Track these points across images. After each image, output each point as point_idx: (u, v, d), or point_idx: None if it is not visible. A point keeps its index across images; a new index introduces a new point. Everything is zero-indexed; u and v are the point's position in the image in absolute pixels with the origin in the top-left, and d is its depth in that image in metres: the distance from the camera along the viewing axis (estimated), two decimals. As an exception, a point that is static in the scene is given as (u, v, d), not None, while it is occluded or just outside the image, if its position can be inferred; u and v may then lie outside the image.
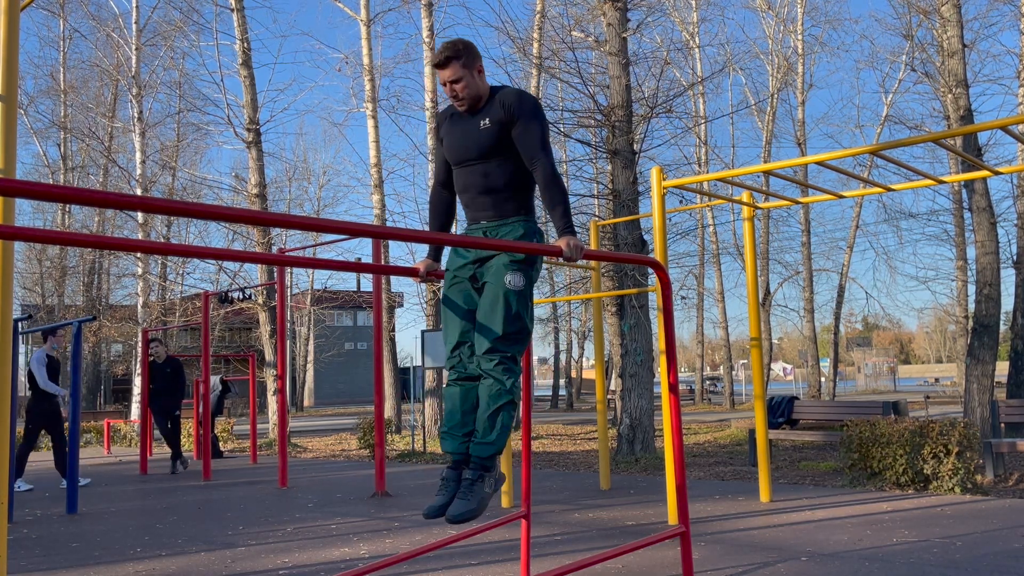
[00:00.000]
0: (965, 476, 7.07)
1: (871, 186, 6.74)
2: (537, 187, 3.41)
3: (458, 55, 3.37)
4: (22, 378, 12.10)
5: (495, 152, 3.41)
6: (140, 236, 20.54)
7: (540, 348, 42.57)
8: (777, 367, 67.81)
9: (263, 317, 16.43)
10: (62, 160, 27.31)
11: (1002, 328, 16.10)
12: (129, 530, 6.57)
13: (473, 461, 3.30)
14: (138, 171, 20.12)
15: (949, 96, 12.58)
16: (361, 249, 61.19)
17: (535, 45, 17.28)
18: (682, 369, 66.18)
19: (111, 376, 38.49)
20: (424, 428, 16.04)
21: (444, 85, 3.44)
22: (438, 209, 3.67)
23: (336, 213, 36.39)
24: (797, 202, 7.61)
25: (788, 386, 43.97)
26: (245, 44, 16.77)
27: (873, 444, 7.52)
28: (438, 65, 3.41)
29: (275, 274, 14.53)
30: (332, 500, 7.98)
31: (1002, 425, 9.31)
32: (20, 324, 8.62)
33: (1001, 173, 6.27)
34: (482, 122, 3.41)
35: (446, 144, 3.54)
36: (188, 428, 15.71)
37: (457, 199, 3.65)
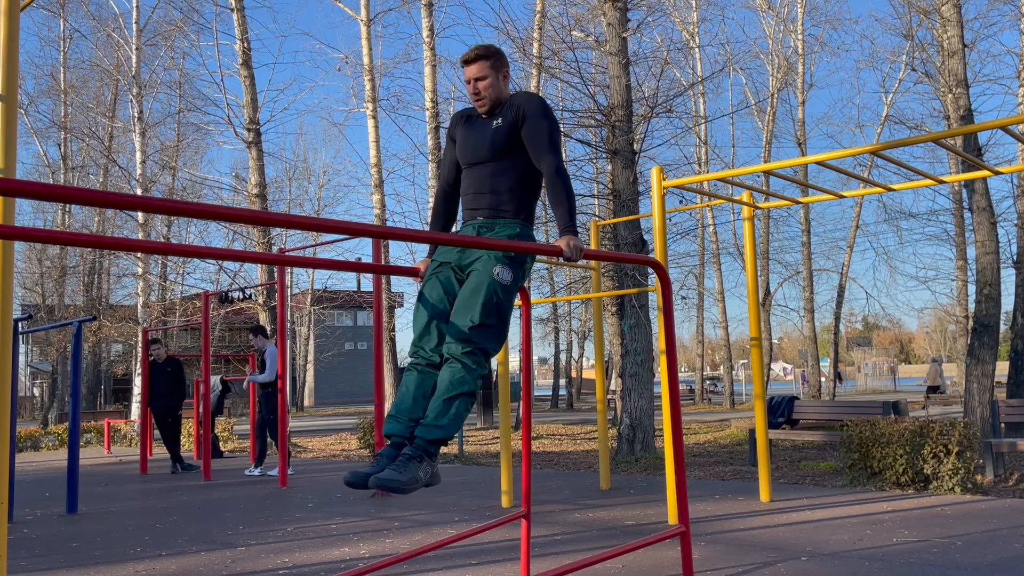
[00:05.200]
0: (965, 476, 7.06)
1: (871, 186, 6.74)
2: (544, 186, 3.45)
3: (488, 56, 3.46)
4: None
5: (505, 151, 3.44)
6: (140, 236, 20.53)
7: (540, 348, 42.56)
8: (777, 367, 67.81)
9: (263, 317, 16.43)
10: (62, 160, 27.30)
11: (1002, 328, 16.10)
12: (129, 530, 6.57)
13: (417, 441, 3.07)
14: (138, 171, 20.12)
15: (949, 96, 12.57)
16: (361, 249, 61.27)
17: (535, 45, 17.28)
18: (682, 369, 66.15)
19: (111, 376, 38.48)
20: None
21: (468, 83, 3.47)
22: (441, 210, 3.68)
23: (336, 213, 36.41)
24: (797, 202, 7.61)
25: (788, 386, 43.96)
26: (245, 44, 16.77)
27: (873, 444, 7.51)
28: (466, 61, 3.46)
29: (275, 274, 14.52)
30: (332, 500, 7.98)
31: (1002, 425, 9.30)
32: (20, 324, 8.62)
33: (1001, 173, 6.26)
34: (495, 122, 3.47)
35: (459, 145, 3.56)
36: (188, 428, 15.73)
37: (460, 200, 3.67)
